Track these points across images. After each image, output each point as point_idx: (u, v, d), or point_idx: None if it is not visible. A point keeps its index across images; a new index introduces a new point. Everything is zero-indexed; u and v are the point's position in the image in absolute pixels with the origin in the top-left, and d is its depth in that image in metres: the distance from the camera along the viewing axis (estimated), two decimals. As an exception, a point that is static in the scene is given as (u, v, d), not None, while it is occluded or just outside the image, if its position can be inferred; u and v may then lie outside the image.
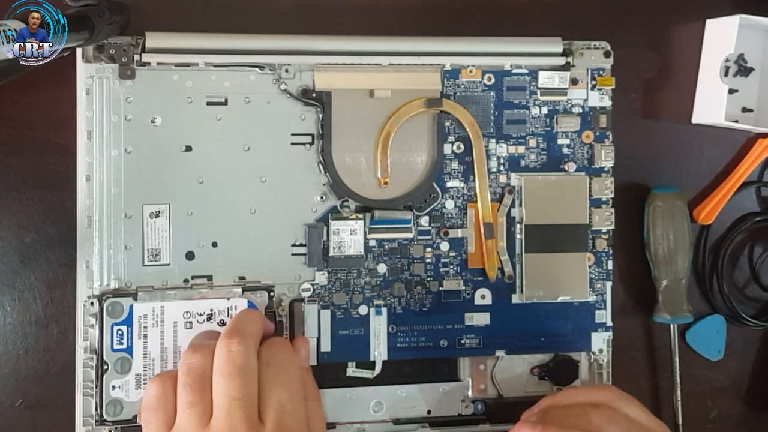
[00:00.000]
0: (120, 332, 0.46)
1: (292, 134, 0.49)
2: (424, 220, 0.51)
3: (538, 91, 0.51)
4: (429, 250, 0.51)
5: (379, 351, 0.50)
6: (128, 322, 0.46)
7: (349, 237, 0.49)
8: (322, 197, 0.49)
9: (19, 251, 0.48)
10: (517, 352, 0.51)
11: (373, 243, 0.50)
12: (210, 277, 0.48)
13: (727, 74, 0.56)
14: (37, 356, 0.48)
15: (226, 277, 0.48)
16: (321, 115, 0.49)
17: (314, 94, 0.49)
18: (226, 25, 0.49)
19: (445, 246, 0.51)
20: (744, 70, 0.56)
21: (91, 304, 0.46)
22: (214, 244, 0.48)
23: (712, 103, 0.53)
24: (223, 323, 0.47)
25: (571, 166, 0.52)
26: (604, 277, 0.52)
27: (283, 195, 0.49)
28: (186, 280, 0.48)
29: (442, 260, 0.51)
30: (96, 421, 0.46)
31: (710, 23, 0.54)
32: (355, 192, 0.49)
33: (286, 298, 0.49)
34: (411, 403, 0.51)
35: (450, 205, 0.51)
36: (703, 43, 0.55)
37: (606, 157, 0.52)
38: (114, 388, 0.46)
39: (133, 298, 0.46)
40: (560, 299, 0.52)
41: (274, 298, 0.48)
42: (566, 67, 0.52)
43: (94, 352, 0.46)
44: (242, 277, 0.48)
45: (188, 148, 0.48)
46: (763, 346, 0.57)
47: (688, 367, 0.55)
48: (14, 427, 0.48)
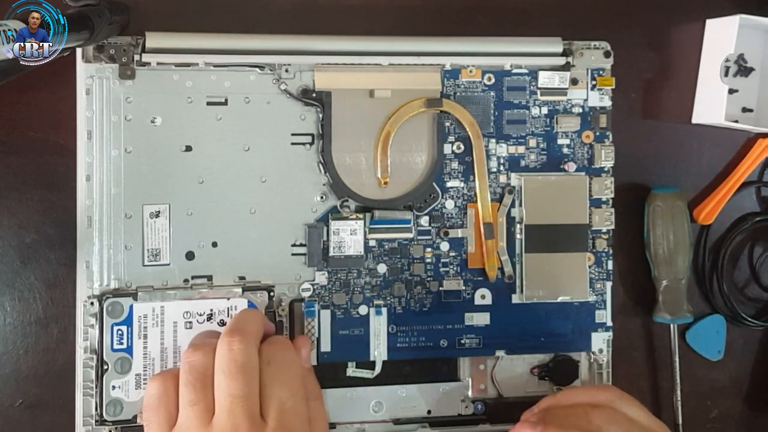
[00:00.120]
0: (120, 332, 0.46)
1: (292, 134, 0.49)
2: (424, 220, 0.51)
3: (538, 91, 0.51)
4: (429, 250, 0.51)
5: (379, 351, 0.50)
6: (128, 322, 0.46)
7: (349, 237, 0.49)
8: (322, 197, 0.49)
9: (19, 251, 0.48)
10: (517, 352, 0.51)
11: (373, 243, 0.50)
12: (210, 277, 0.48)
13: (727, 74, 0.56)
14: (37, 356, 0.48)
15: (226, 277, 0.48)
16: (321, 115, 0.49)
17: (314, 94, 0.49)
18: (226, 25, 0.49)
19: (445, 246, 0.51)
20: (744, 70, 0.56)
21: (91, 304, 0.46)
22: (214, 244, 0.48)
23: (712, 103, 0.53)
24: (223, 323, 0.47)
25: (571, 166, 0.52)
26: (604, 277, 0.52)
27: (283, 195, 0.49)
28: (186, 280, 0.48)
29: (442, 260, 0.51)
30: (96, 421, 0.46)
31: (710, 23, 0.54)
32: (355, 192, 0.49)
33: (286, 298, 0.49)
34: (411, 403, 0.51)
35: (450, 205, 0.51)
36: (703, 43, 0.55)
37: (606, 157, 0.52)
38: (114, 388, 0.46)
39: (133, 298, 0.46)
40: (560, 299, 0.52)
41: (274, 298, 0.48)
42: (566, 67, 0.52)
43: (94, 352, 0.46)
44: (242, 277, 0.48)
45: (188, 148, 0.48)
46: (763, 346, 0.57)
47: (688, 367, 0.55)
48: (14, 427, 0.48)
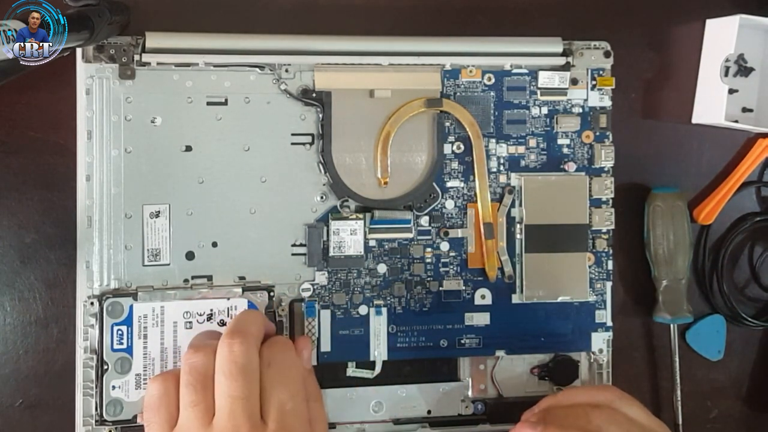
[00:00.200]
0: (120, 332, 0.46)
1: (292, 134, 0.49)
2: (424, 220, 0.51)
3: (538, 91, 0.51)
4: (429, 250, 0.51)
5: (379, 351, 0.50)
6: (128, 322, 0.46)
7: (349, 237, 0.49)
8: (322, 197, 0.49)
9: (19, 251, 0.48)
10: (517, 352, 0.51)
11: (373, 243, 0.50)
12: (210, 277, 0.48)
13: (727, 74, 0.56)
14: (37, 356, 0.48)
15: (226, 277, 0.48)
16: (321, 115, 0.49)
17: (314, 94, 0.49)
18: (226, 25, 0.49)
19: (445, 246, 0.51)
20: (744, 70, 0.56)
21: (91, 304, 0.46)
22: (214, 244, 0.48)
23: (712, 103, 0.53)
24: (223, 323, 0.47)
25: (571, 166, 0.52)
26: (604, 277, 0.52)
27: (283, 195, 0.49)
28: (186, 280, 0.48)
29: (442, 260, 0.51)
30: (96, 421, 0.46)
31: (710, 23, 0.54)
32: (355, 192, 0.49)
33: (286, 298, 0.49)
34: (411, 403, 0.51)
35: (450, 205, 0.51)
36: (703, 43, 0.55)
37: (606, 157, 0.52)
38: (114, 388, 0.46)
39: (133, 298, 0.46)
40: (560, 299, 0.52)
41: (274, 298, 0.48)
42: (566, 67, 0.52)
43: (94, 352, 0.46)
44: (242, 277, 0.48)
45: (188, 148, 0.48)
46: (763, 346, 0.57)
47: (688, 367, 0.55)
48: (14, 427, 0.48)
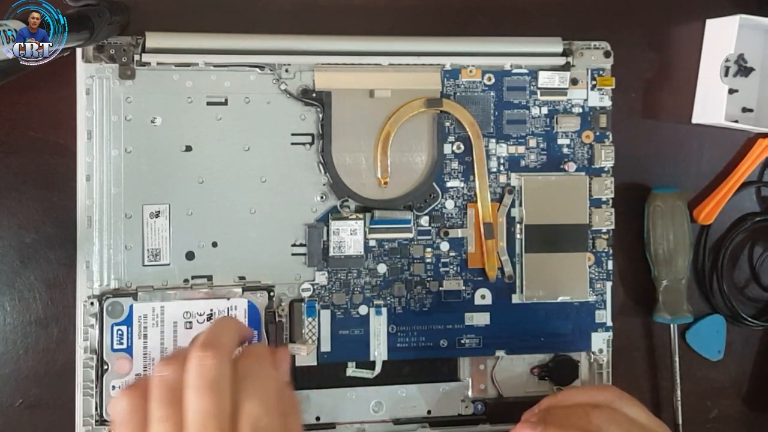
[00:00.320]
0: (120, 332, 0.46)
1: (292, 134, 0.49)
2: (424, 220, 0.51)
3: (538, 91, 0.51)
4: (429, 250, 0.51)
5: (379, 351, 0.50)
6: (128, 322, 0.46)
7: (349, 237, 0.49)
8: (322, 197, 0.49)
9: (19, 251, 0.48)
10: (517, 352, 0.51)
11: (373, 243, 0.50)
12: (210, 277, 0.48)
13: (727, 74, 0.56)
14: (37, 356, 0.48)
15: (226, 277, 0.48)
16: (321, 115, 0.49)
17: (314, 94, 0.49)
18: (226, 25, 0.49)
19: (445, 246, 0.51)
20: (744, 70, 0.56)
21: (91, 304, 0.46)
22: (214, 244, 0.48)
23: (712, 103, 0.53)
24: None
25: (571, 166, 0.52)
26: (604, 277, 0.52)
27: (283, 195, 0.49)
28: (186, 280, 0.48)
29: (442, 260, 0.51)
30: (96, 421, 0.46)
31: (710, 23, 0.54)
32: (355, 192, 0.49)
33: (286, 298, 0.49)
34: (411, 403, 0.51)
35: (450, 205, 0.51)
36: (703, 43, 0.55)
37: (606, 157, 0.52)
38: (114, 388, 0.46)
39: (133, 298, 0.46)
40: (560, 299, 0.52)
41: (274, 298, 0.48)
42: (566, 67, 0.52)
43: (94, 352, 0.46)
44: (242, 277, 0.48)
45: (188, 148, 0.48)
46: (763, 346, 0.57)
47: (688, 367, 0.55)
48: (14, 427, 0.48)
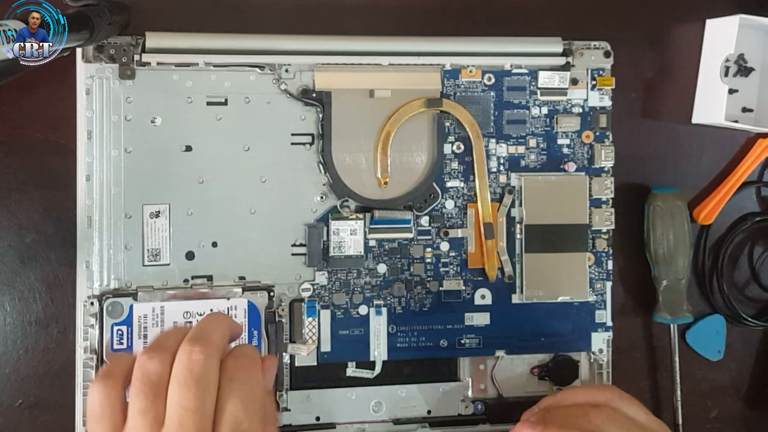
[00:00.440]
0: (120, 332, 0.46)
1: (292, 134, 0.49)
2: (424, 220, 0.51)
3: (538, 91, 0.51)
4: (429, 250, 0.51)
5: (379, 351, 0.50)
6: (128, 322, 0.46)
7: (349, 237, 0.49)
8: (322, 197, 0.49)
9: (19, 251, 0.48)
10: (517, 352, 0.51)
11: (373, 243, 0.50)
12: (210, 277, 0.48)
13: (727, 74, 0.56)
14: (37, 356, 0.48)
15: (226, 277, 0.48)
16: (321, 115, 0.49)
17: (314, 94, 0.49)
18: (226, 25, 0.49)
19: (445, 246, 0.51)
20: (744, 70, 0.56)
21: (91, 304, 0.46)
22: (214, 244, 0.48)
23: (712, 103, 0.53)
24: None
25: (571, 166, 0.52)
26: (604, 277, 0.52)
27: (283, 195, 0.49)
28: (186, 280, 0.48)
29: (442, 260, 0.51)
30: (96, 421, 0.46)
31: (710, 23, 0.54)
32: (355, 192, 0.49)
33: (286, 298, 0.49)
34: (411, 403, 0.51)
35: (450, 205, 0.51)
36: (703, 43, 0.55)
37: (606, 157, 0.52)
38: (114, 388, 0.46)
39: (133, 298, 0.46)
40: (560, 299, 0.52)
41: (274, 298, 0.48)
42: (566, 67, 0.52)
43: (94, 352, 0.46)
44: (242, 277, 0.48)
45: (188, 148, 0.48)
46: (763, 346, 0.57)
47: (688, 367, 0.55)
48: (14, 427, 0.48)
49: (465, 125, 0.50)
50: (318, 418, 0.49)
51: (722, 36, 0.53)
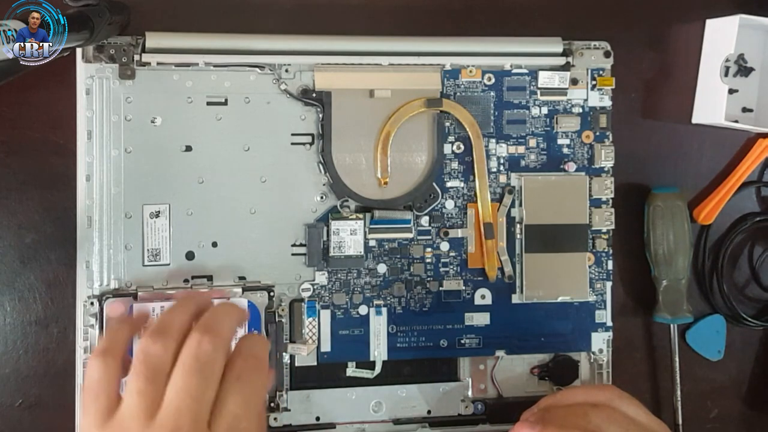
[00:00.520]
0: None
1: (292, 134, 0.49)
2: (424, 220, 0.51)
3: (538, 91, 0.51)
4: (429, 250, 0.51)
5: (379, 351, 0.50)
6: (128, 322, 0.46)
7: (349, 237, 0.49)
8: (322, 197, 0.49)
9: (19, 251, 0.48)
10: (517, 352, 0.51)
11: (373, 243, 0.50)
12: (210, 277, 0.48)
13: (727, 74, 0.56)
14: (37, 356, 0.48)
15: (226, 277, 0.48)
16: (321, 115, 0.49)
17: (314, 94, 0.49)
18: (226, 25, 0.49)
19: (445, 246, 0.51)
20: (744, 70, 0.56)
21: (91, 304, 0.46)
22: (214, 244, 0.48)
23: (712, 103, 0.53)
24: None
25: (571, 166, 0.52)
26: (604, 277, 0.52)
27: (283, 195, 0.49)
28: (186, 280, 0.48)
29: (442, 260, 0.51)
30: (96, 421, 0.46)
31: (710, 23, 0.54)
32: (355, 192, 0.49)
33: (286, 298, 0.49)
34: (411, 403, 0.51)
35: (450, 205, 0.51)
36: (703, 43, 0.55)
37: (606, 157, 0.52)
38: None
39: (133, 298, 0.46)
40: (560, 299, 0.52)
41: (274, 298, 0.48)
42: (566, 67, 0.52)
43: (94, 352, 0.46)
44: (242, 277, 0.48)
45: (188, 148, 0.48)
46: (763, 346, 0.57)
47: (688, 367, 0.55)
48: (14, 427, 0.48)
49: (465, 125, 0.50)
50: (318, 418, 0.49)
51: (722, 36, 0.53)
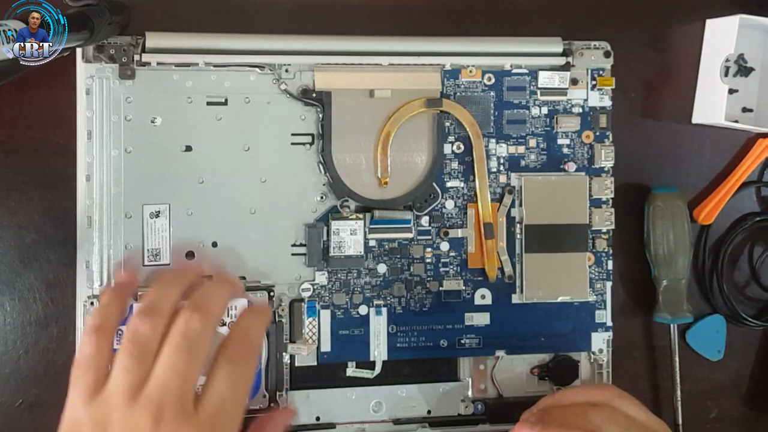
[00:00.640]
0: (120, 332, 0.46)
1: (292, 134, 0.49)
2: (424, 220, 0.51)
3: (538, 91, 0.51)
4: (429, 250, 0.51)
5: (379, 351, 0.50)
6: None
7: (349, 237, 0.49)
8: (322, 197, 0.49)
9: (19, 251, 0.48)
10: (517, 352, 0.51)
11: (373, 243, 0.50)
12: (210, 277, 0.48)
13: (727, 74, 0.56)
14: (37, 356, 0.48)
15: (226, 277, 0.48)
16: (321, 115, 0.49)
17: (314, 94, 0.49)
18: (226, 25, 0.49)
19: (445, 246, 0.51)
20: (744, 70, 0.56)
21: (91, 304, 0.46)
22: (214, 244, 0.48)
23: (712, 103, 0.53)
24: (223, 323, 0.46)
25: (571, 166, 0.52)
26: (604, 277, 0.52)
27: (283, 195, 0.49)
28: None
29: (442, 260, 0.51)
30: (96, 421, 0.46)
31: (710, 23, 0.54)
32: (355, 192, 0.49)
33: (286, 298, 0.49)
34: (411, 403, 0.51)
35: (450, 205, 0.51)
36: (703, 43, 0.55)
37: (606, 157, 0.52)
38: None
39: (134, 298, 0.46)
40: (560, 299, 0.52)
41: (274, 298, 0.48)
42: (566, 67, 0.52)
43: (94, 352, 0.46)
44: (242, 277, 0.48)
45: (188, 148, 0.48)
46: (763, 346, 0.57)
47: (688, 367, 0.55)
48: (14, 427, 0.48)
49: (465, 125, 0.50)
50: (318, 418, 0.49)
51: (722, 36, 0.53)
